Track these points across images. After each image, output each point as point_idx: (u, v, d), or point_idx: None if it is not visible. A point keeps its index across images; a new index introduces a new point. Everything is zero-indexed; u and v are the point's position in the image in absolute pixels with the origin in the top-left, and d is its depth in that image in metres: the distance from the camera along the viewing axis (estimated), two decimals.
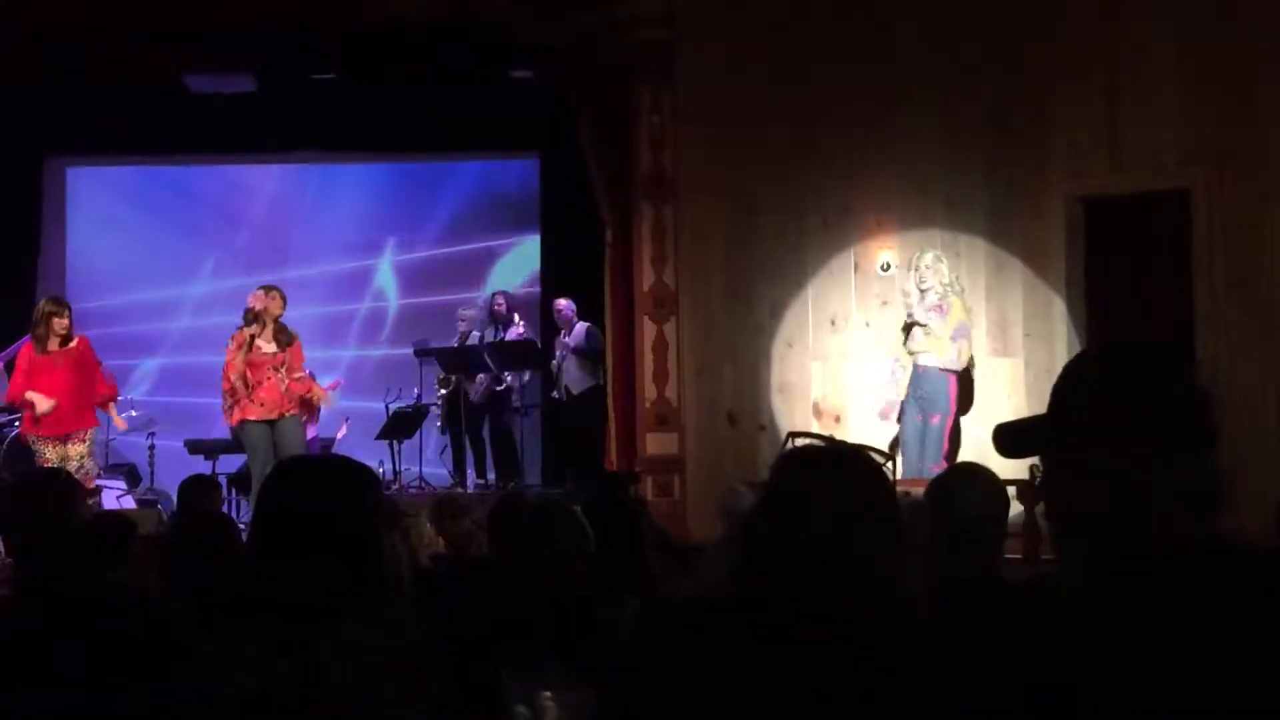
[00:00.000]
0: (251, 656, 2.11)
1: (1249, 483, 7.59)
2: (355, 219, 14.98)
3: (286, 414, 9.97)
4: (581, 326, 12.26)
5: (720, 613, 2.12)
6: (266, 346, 9.95)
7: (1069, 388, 1.90)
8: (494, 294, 13.28)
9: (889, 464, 8.86)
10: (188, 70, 12.51)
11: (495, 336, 12.91)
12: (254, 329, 9.97)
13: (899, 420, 10.20)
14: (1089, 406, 1.86)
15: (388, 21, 11.19)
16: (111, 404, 10.45)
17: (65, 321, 9.88)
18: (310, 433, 12.43)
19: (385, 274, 15.06)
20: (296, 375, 10.08)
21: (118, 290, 14.62)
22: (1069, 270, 10.21)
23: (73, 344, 9.92)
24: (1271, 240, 9.38)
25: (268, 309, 10.01)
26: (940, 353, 10.04)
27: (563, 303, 12.52)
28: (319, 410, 11.41)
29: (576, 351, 12.27)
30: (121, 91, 12.89)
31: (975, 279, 10.35)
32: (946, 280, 10.09)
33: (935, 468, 9.24)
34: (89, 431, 10.02)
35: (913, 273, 10.18)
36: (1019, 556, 7.78)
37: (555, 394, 12.72)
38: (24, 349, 9.93)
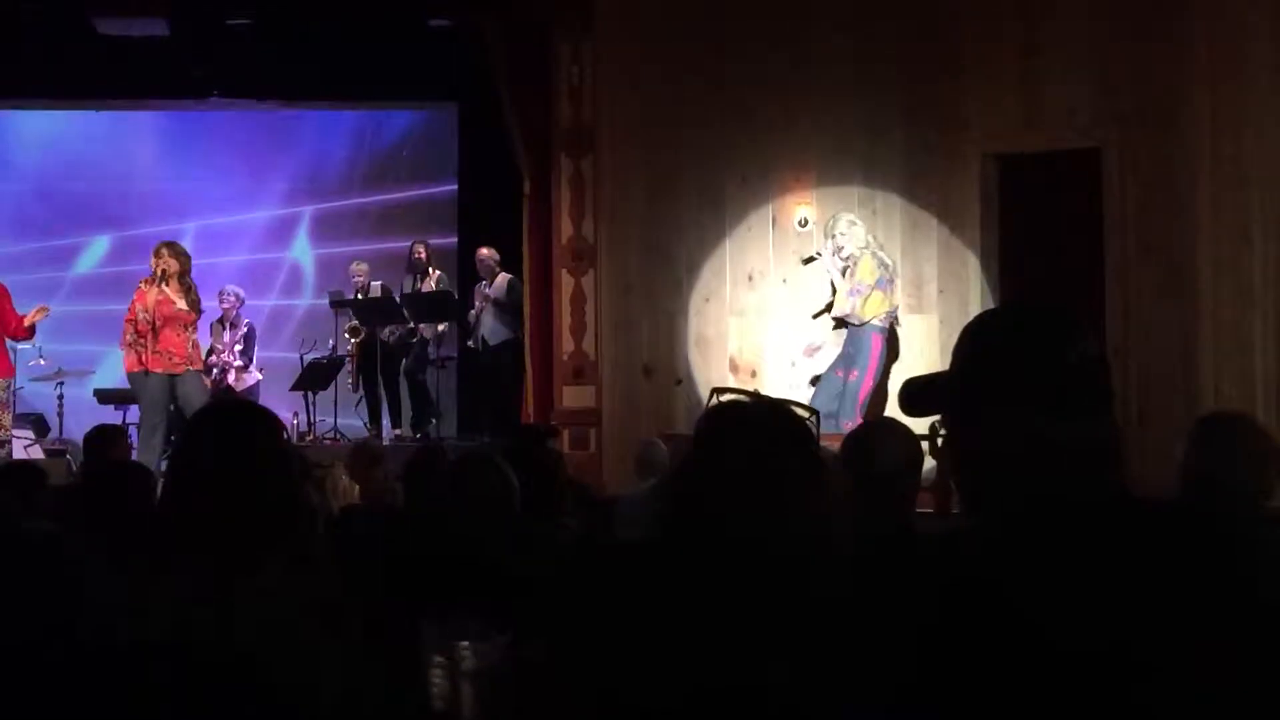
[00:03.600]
0: (166, 602, 2.09)
1: (1156, 439, 7.72)
2: (269, 168, 14.80)
3: (189, 369, 9.92)
4: (504, 278, 12.18)
5: (650, 558, 2.14)
6: (179, 302, 9.85)
7: (968, 349, 1.94)
8: (413, 243, 13.17)
9: (812, 419, 8.90)
10: (97, 12, 12.27)
11: (413, 286, 12.83)
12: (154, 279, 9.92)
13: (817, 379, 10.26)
14: (988, 369, 1.89)
15: None
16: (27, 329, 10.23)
17: None
18: (251, 379, 12.35)
19: (297, 224, 14.89)
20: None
21: (25, 235, 14.36)
22: (983, 228, 10.30)
23: None
24: (1183, 200, 9.51)
25: (166, 266, 9.91)
26: (839, 306, 10.12)
27: (485, 251, 12.43)
28: None
29: (497, 303, 12.20)
30: (29, 33, 12.62)
31: (891, 236, 10.41)
32: (863, 243, 10.13)
33: (849, 424, 9.28)
34: (4, 382, 9.93)
35: (829, 240, 10.23)
36: (930, 510, 7.88)
37: (470, 343, 12.67)
38: None
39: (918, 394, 1.99)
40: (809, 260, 10.31)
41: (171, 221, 14.00)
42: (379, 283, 13.03)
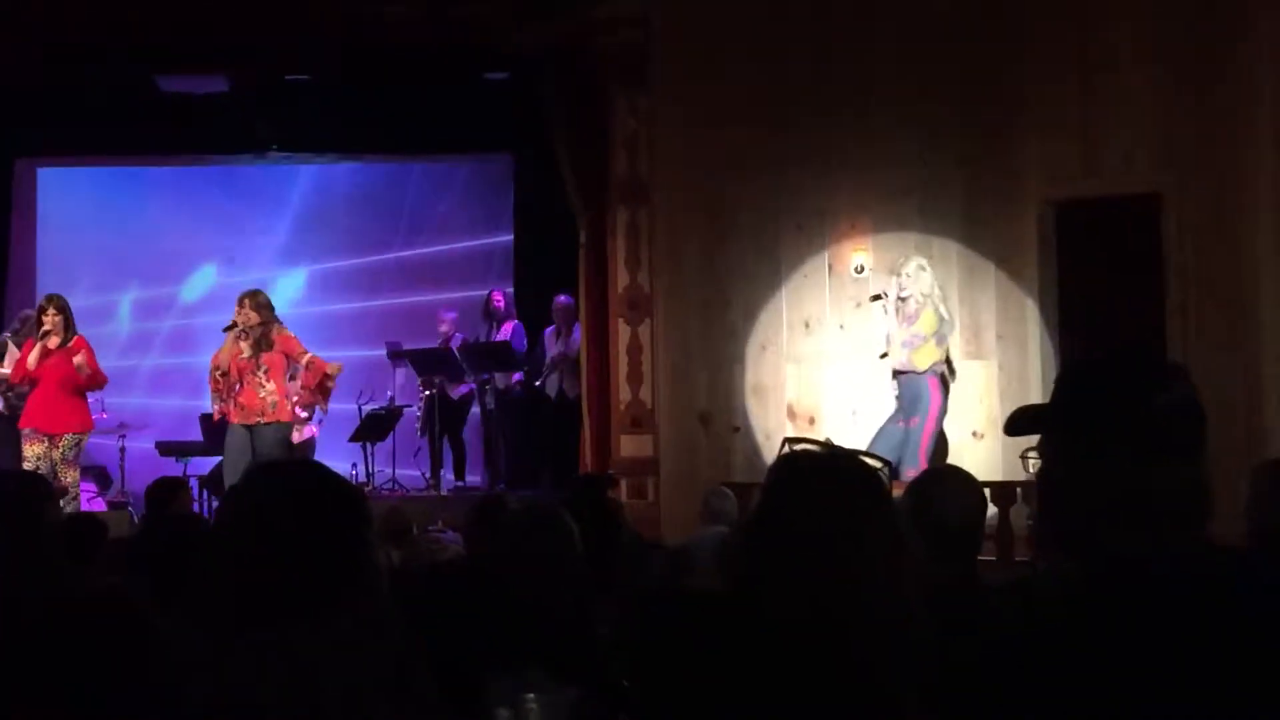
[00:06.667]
0: (237, 655, 2.09)
1: (1219, 485, 7.63)
2: (328, 220, 14.93)
3: (265, 421, 9.92)
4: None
5: (723, 611, 2.13)
6: (247, 351, 9.95)
7: (1059, 397, 1.93)
8: (491, 291, 13.21)
9: (885, 470, 8.81)
10: (159, 71, 12.45)
11: (488, 333, 12.85)
12: (235, 331, 10.02)
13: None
14: (1077, 416, 1.88)
15: (363, 23, 11.15)
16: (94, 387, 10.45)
17: (50, 323, 9.97)
18: (310, 432, 12.43)
19: (357, 275, 15.00)
20: (306, 361, 10.07)
21: (88, 291, 14.53)
22: (1041, 274, 10.24)
23: (71, 344, 10.05)
24: (1241, 243, 9.43)
25: (245, 318, 10.00)
26: (893, 355, 10.05)
27: (562, 300, 12.35)
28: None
29: (576, 360, 12.09)
30: (92, 92, 12.82)
31: (949, 282, 10.36)
32: (927, 290, 10.05)
33: (912, 471, 9.21)
34: (76, 436, 10.05)
35: (895, 279, 10.17)
36: (993, 558, 7.81)
37: (539, 385, 12.56)
38: (30, 340, 10.16)
39: (1023, 419, 1.99)
40: (875, 298, 10.23)
41: (231, 275, 14.16)
42: (461, 336, 13.05)
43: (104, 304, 14.63)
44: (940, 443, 9.96)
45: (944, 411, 10.02)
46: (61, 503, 9.47)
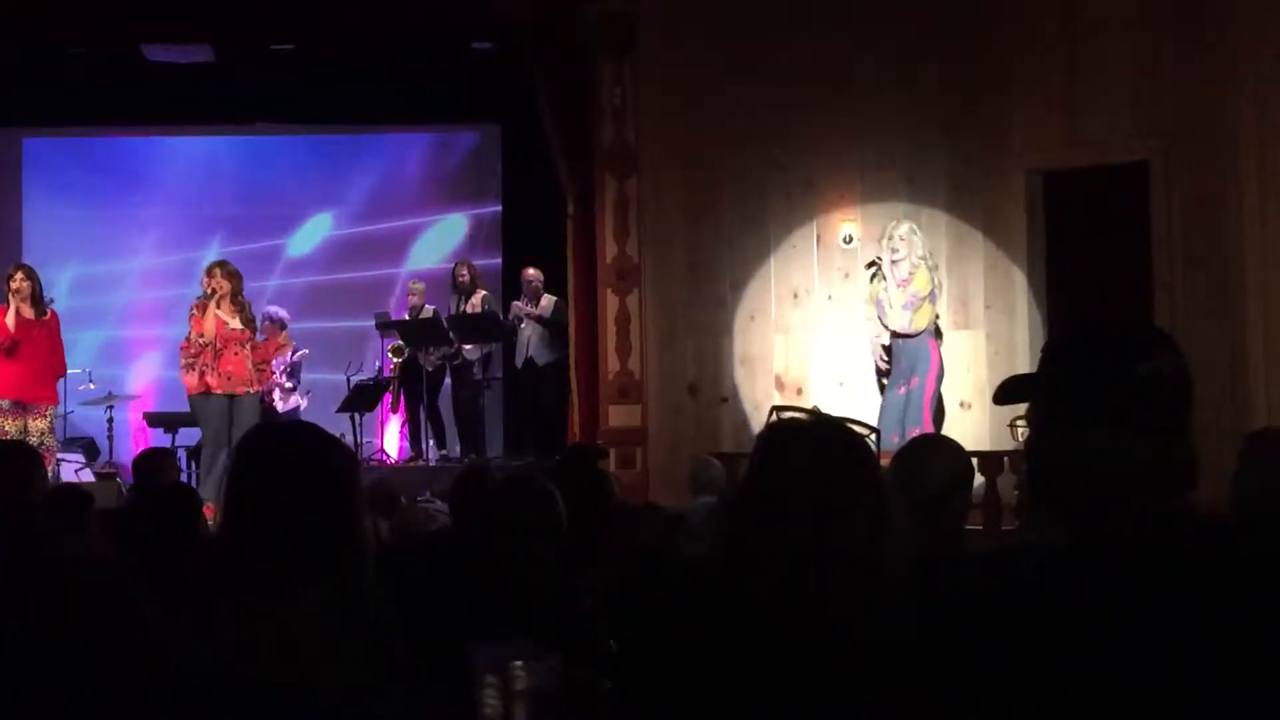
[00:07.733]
0: (225, 625, 2.10)
1: (1204, 454, 7.65)
2: (314, 189, 14.86)
3: (250, 390, 9.97)
4: (549, 299, 12.16)
5: (711, 578, 2.14)
6: (232, 322, 9.94)
7: (1044, 368, 1.93)
8: (456, 264, 13.17)
9: (872, 437, 8.80)
10: (145, 40, 12.39)
11: (457, 307, 12.83)
12: (209, 300, 9.99)
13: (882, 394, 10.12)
14: (1061, 387, 1.89)
15: None
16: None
17: (17, 284, 9.89)
18: (294, 402, 12.45)
19: (344, 245, 14.95)
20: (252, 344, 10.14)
21: (74, 260, 14.48)
22: (1029, 243, 10.23)
23: (46, 316, 9.99)
24: (1228, 210, 9.43)
25: (218, 286, 9.98)
26: (894, 319, 10.03)
27: (532, 272, 12.38)
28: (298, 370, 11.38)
29: (544, 323, 12.14)
30: (78, 61, 12.75)
31: (936, 252, 10.35)
32: (921, 253, 10.04)
33: (916, 431, 9.15)
34: (49, 407, 10.03)
35: (886, 241, 10.13)
36: (980, 527, 7.83)
37: (516, 363, 12.59)
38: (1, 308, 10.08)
39: (1011, 387, 1.99)
40: (870, 265, 10.22)
41: (217, 244, 14.11)
42: (432, 306, 13.03)
43: (87, 273, 14.55)
44: (938, 407, 9.93)
45: (942, 371, 9.99)
46: (50, 470, 9.49)
